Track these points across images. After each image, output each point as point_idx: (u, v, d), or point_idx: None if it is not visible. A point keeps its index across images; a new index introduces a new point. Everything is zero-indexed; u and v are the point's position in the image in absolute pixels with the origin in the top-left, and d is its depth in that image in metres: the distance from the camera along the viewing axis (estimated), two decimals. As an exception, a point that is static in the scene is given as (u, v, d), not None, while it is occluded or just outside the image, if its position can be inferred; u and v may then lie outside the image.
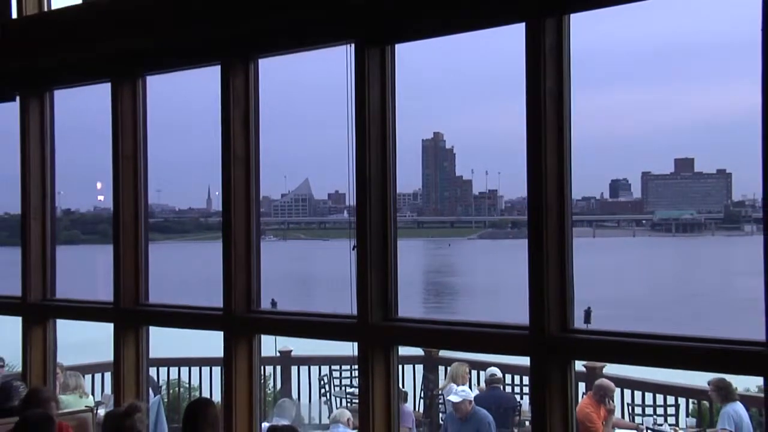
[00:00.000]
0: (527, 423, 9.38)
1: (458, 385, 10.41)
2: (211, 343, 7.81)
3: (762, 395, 6.05)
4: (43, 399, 6.75)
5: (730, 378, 8.99)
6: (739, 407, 9.08)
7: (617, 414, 10.23)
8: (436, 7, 5.84)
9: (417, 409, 11.79)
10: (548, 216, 5.39)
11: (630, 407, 10.63)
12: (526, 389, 10.90)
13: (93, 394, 11.01)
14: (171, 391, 12.48)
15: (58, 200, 9.03)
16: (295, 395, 12.57)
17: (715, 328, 5.35)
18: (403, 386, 10.46)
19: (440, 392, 10.96)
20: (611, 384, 9.76)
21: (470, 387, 10.66)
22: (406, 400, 10.53)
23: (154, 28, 7.31)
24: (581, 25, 5.40)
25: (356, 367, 6.43)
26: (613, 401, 9.80)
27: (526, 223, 5.53)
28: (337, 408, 11.04)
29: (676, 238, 30.22)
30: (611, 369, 10.48)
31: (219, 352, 7.20)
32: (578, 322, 5.54)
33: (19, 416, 6.17)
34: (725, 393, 9.11)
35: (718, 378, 9.12)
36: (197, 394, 11.85)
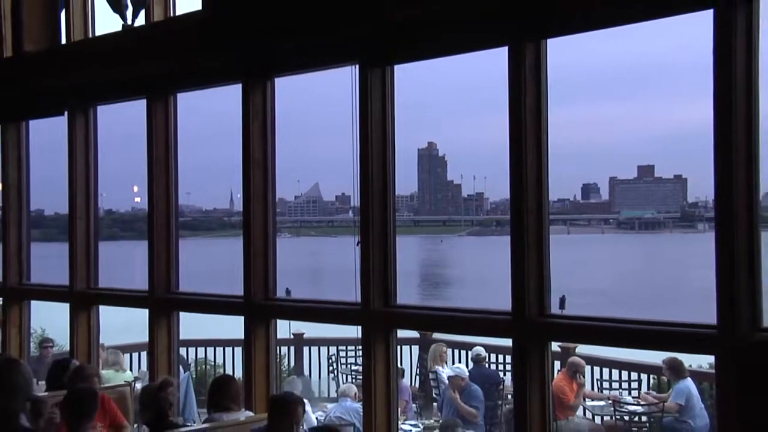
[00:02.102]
0: (509, 396, 9.38)
1: (437, 364, 10.45)
2: (233, 326, 7.80)
3: (713, 371, 6.05)
4: (87, 375, 6.75)
5: (686, 356, 9.00)
6: (689, 383, 9.12)
7: (588, 387, 10.25)
8: (430, 33, 5.85)
9: (413, 384, 11.77)
10: (528, 215, 5.40)
11: (599, 382, 10.63)
12: (508, 366, 10.88)
13: (131, 370, 11.01)
14: (198, 369, 12.48)
15: (101, 201, 9.03)
16: (306, 373, 12.57)
17: (673, 313, 5.34)
18: (401, 364, 10.45)
19: (430, 371, 10.95)
20: (582, 361, 9.79)
21: (451, 364, 10.70)
22: (403, 377, 10.53)
23: (184, 52, 7.31)
24: (557, 48, 5.40)
25: (360, 347, 6.44)
26: (583, 376, 9.83)
27: (509, 222, 5.54)
28: (343, 383, 11.03)
29: (639, 234, 30.19)
30: (583, 349, 10.48)
31: (240, 334, 7.21)
32: (554, 308, 5.55)
33: (68, 390, 6.18)
34: (677, 371, 9.15)
35: (671, 358, 9.15)
36: (221, 371, 11.84)
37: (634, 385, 10.44)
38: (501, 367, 11.26)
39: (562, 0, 5.19)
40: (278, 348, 8.68)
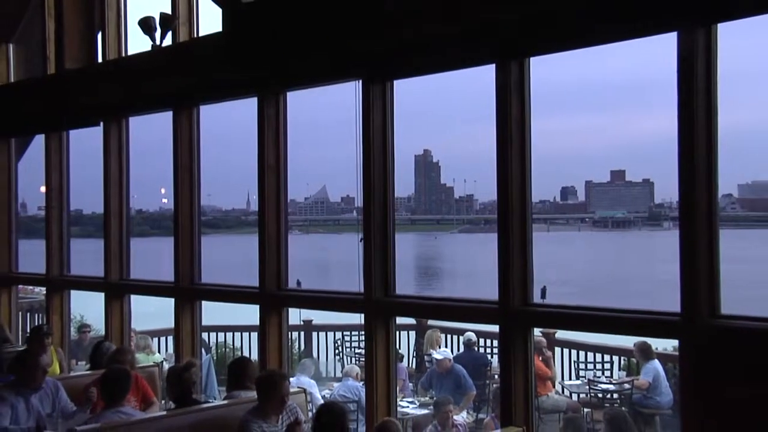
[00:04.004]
0: (496, 376, 9.39)
1: (433, 348, 10.46)
2: (249, 314, 7.81)
3: (677, 353, 6.08)
4: (124, 357, 6.73)
5: (653, 340, 9.02)
6: (656, 364, 9.17)
7: (566, 369, 10.29)
8: (425, 52, 5.85)
9: (410, 365, 11.77)
10: (513, 215, 5.41)
11: (576, 364, 10.64)
12: (495, 350, 10.89)
13: (159, 352, 11.01)
14: (219, 351, 12.46)
15: (132, 202, 9.05)
16: (315, 355, 12.56)
17: (641, 302, 5.35)
18: (399, 348, 10.45)
19: (425, 354, 10.96)
20: (542, 338, 9.84)
21: (448, 349, 10.70)
22: (401, 359, 10.53)
23: (206, 70, 7.33)
24: (539, 66, 5.41)
25: (363, 333, 6.44)
26: (547, 350, 9.89)
27: (496, 221, 5.54)
28: (348, 365, 11.02)
29: (612, 232, 30.23)
30: (561, 334, 10.48)
31: (256, 321, 7.22)
32: (536, 298, 5.55)
33: (105, 369, 6.19)
34: (646, 353, 9.20)
35: (641, 341, 9.21)
36: (239, 353, 11.83)
37: (607, 366, 10.46)
38: (489, 350, 11.27)
39: (543, 23, 5.20)
40: (289, 333, 8.67)
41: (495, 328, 5.82)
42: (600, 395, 9.54)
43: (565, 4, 4.98)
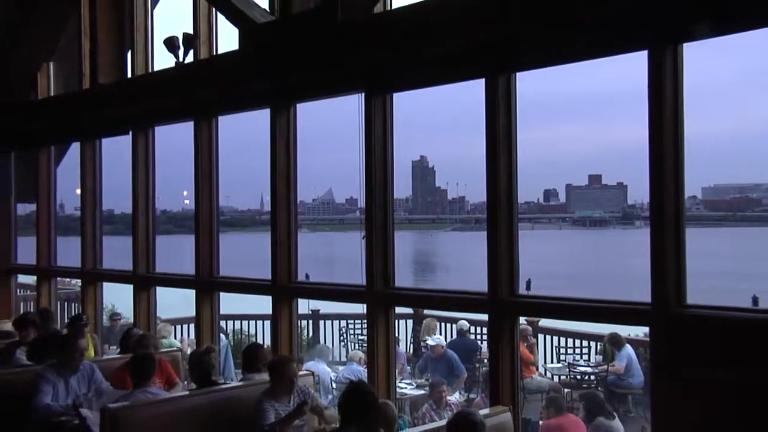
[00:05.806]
0: (486, 360, 9.40)
1: (429, 335, 10.47)
2: (262, 304, 7.80)
3: (647, 339, 6.09)
4: (147, 342, 6.73)
5: (626, 327, 9.04)
6: (629, 349, 9.25)
7: (548, 354, 10.27)
8: (422, 68, 5.85)
9: (407, 351, 11.77)
10: (501, 215, 5.40)
11: (557, 349, 10.65)
12: (485, 336, 10.89)
13: (183, 339, 11.00)
14: (235, 338, 12.48)
15: (158, 203, 9.06)
16: (322, 341, 12.57)
17: (616, 292, 5.35)
18: (398, 335, 10.45)
19: (422, 340, 10.95)
20: (528, 327, 9.89)
21: (442, 336, 10.71)
22: (400, 345, 10.52)
23: (224, 84, 7.33)
24: (525, 80, 5.41)
25: (365, 321, 6.44)
26: (532, 337, 9.92)
27: (485, 220, 5.53)
28: (351, 350, 11.02)
29: (590, 230, 30.25)
30: (544, 322, 10.48)
31: (268, 310, 7.21)
32: (522, 290, 5.55)
33: (132, 354, 6.19)
34: (617, 343, 9.29)
35: (611, 334, 9.35)
36: (253, 339, 11.84)
37: (585, 351, 10.48)
38: (479, 337, 11.27)
39: (528, 41, 5.19)
40: (299, 321, 8.67)
41: (485, 317, 5.81)
42: (578, 377, 9.55)
43: (548, 25, 4.98)
